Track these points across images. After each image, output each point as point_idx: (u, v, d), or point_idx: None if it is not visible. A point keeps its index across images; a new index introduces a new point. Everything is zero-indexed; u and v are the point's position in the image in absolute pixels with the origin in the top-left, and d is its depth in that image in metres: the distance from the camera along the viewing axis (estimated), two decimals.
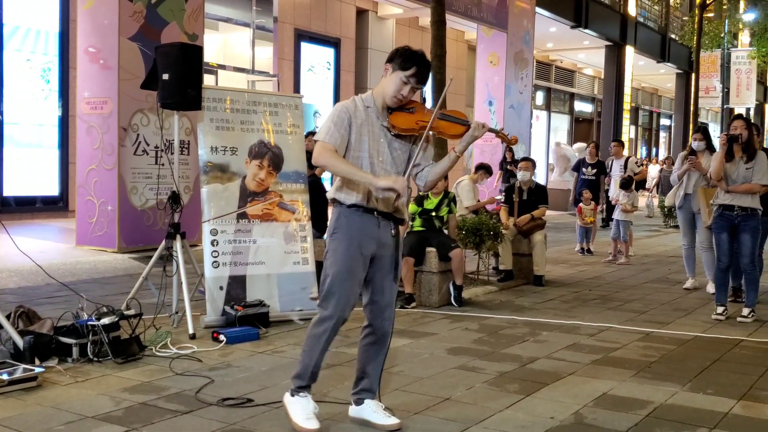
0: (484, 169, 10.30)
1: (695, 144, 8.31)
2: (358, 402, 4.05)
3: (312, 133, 8.44)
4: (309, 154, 5.18)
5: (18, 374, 4.45)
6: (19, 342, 4.84)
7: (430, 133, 3.94)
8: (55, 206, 13.53)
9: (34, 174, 13.35)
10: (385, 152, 3.93)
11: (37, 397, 4.31)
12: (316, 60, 19.00)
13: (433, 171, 4.04)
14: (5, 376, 4.36)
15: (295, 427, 3.86)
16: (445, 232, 7.79)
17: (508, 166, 14.99)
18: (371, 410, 4.01)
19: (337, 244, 3.88)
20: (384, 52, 21.28)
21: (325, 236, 4.01)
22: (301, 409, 3.89)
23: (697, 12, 24.20)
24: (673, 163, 14.62)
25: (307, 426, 3.84)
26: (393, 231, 3.95)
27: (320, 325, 3.89)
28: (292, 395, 3.95)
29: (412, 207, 7.79)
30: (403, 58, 3.90)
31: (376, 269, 3.95)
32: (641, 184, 27.93)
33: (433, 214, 7.66)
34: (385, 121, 3.95)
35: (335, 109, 3.92)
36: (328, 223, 4.02)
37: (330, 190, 3.99)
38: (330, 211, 4.04)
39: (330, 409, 4.19)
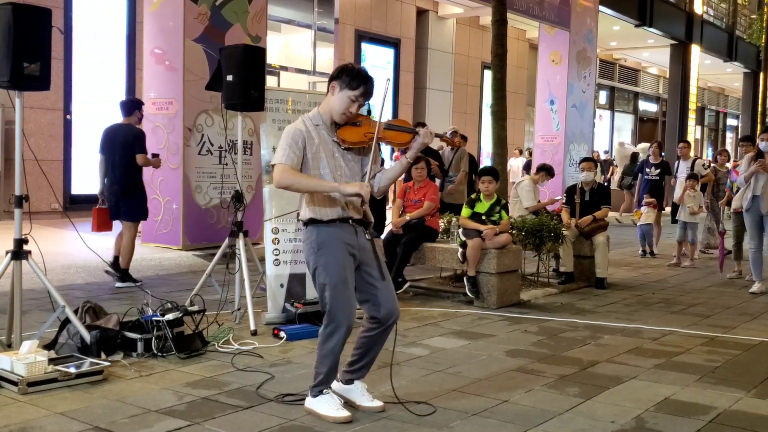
0: (545, 170, 10.20)
1: (762, 145, 8.10)
2: (348, 382, 4.23)
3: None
4: None
5: (85, 368, 4.57)
6: (86, 336, 4.97)
7: (380, 143, 4.05)
8: None
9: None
10: (342, 165, 4.07)
11: (102, 390, 4.42)
12: (377, 60, 19.09)
13: (384, 177, 4.16)
14: (73, 370, 4.48)
15: (329, 420, 3.97)
16: None
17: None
18: (359, 392, 4.21)
19: (325, 259, 3.99)
20: (444, 52, 21.29)
21: (307, 255, 4.05)
22: (328, 404, 4.03)
23: (765, 9, 23.61)
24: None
25: (341, 414, 3.98)
26: (367, 235, 4.09)
27: (332, 337, 4.02)
28: (314, 396, 4.08)
29: (465, 210, 7.70)
30: (351, 77, 4.01)
31: (363, 272, 4.08)
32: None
33: (484, 218, 7.58)
34: (334, 136, 4.08)
35: (288, 132, 4.02)
36: (307, 241, 4.06)
37: (302, 212, 4.09)
38: (305, 231, 4.10)
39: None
